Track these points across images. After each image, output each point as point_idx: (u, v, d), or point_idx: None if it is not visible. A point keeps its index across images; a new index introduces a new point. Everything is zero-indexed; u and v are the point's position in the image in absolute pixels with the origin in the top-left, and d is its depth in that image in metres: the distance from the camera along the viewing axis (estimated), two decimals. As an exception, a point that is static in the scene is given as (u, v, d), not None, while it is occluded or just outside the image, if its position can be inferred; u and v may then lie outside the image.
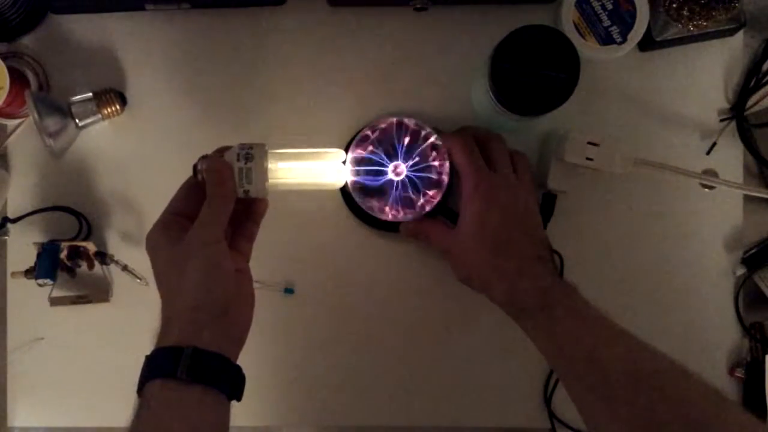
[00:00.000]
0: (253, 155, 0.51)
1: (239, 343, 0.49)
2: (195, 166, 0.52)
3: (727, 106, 0.64)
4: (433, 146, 0.59)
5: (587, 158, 0.58)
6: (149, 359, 0.46)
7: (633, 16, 0.59)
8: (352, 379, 0.65)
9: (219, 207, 0.50)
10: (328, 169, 0.56)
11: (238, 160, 0.51)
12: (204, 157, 0.53)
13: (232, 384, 0.47)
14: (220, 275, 0.48)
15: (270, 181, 0.53)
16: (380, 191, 0.59)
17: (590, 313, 0.52)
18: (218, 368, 0.46)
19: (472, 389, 0.65)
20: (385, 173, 0.58)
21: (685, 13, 0.58)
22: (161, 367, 0.45)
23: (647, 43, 0.62)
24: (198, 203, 0.52)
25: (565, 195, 0.63)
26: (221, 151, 0.54)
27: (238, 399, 0.47)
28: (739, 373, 0.64)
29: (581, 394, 0.50)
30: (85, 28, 0.65)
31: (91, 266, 0.64)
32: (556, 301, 0.52)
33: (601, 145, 0.58)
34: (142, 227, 0.65)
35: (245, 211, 0.55)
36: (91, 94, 0.62)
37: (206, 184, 0.51)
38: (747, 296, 0.65)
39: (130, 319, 0.66)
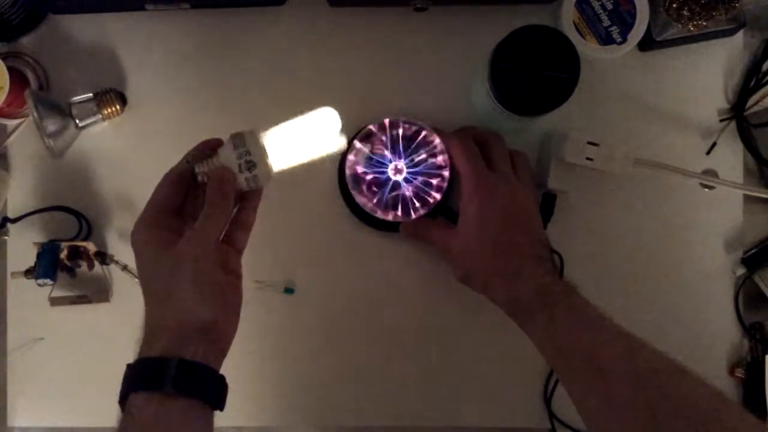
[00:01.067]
0: (255, 162, 0.50)
1: (224, 352, 0.49)
2: (192, 168, 0.51)
3: (727, 106, 0.64)
4: (433, 146, 0.59)
5: (587, 158, 0.58)
6: (132, 369, 0.46)
7: (633, 16, 0.59)
8: (352, 379, 0.65)
9: (218, 219, 0.49)
10: (324, 137, 0.53)
11: (241, 170, 0.50)
12: (201, 159, 0.51)
13: (217, 394, 0.47)
14: (211, 290, 0.47)
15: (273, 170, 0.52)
16: (380, 192, 0.59)
17: (589, 312, 0.52)
18: (203, 380, 0.45)
19: (472, 389, 0.65)
20: (385, 173, 0.59)
21: (685, 13, 0.58)
22: (146, 378, 0.44)
23: (647, 43, 0.62)
24: (183, 198, 0.51)
25: (565, 195, 0.63)
26: (209, 145, 0.52)
27: (221, 408, 0.47)
28: (739, 373, 0.64)
29: (580, 394, 0.50)
30: (85, 28, 0.65)
31: (91, 266, 0.64)
32: (556, 301, 0.52)
33: (601, 145, 0.58)
34: (142, 227, 0.65)
35: (241, 200, 0.53)
36: (91, 94, 0.62)
37: (207, 192, 0.50)
38: (747, 296, 0.65)
39: (130, 319, 0.65)
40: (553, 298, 0.52)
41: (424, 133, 0.59)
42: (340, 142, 0.55)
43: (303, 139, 0.53)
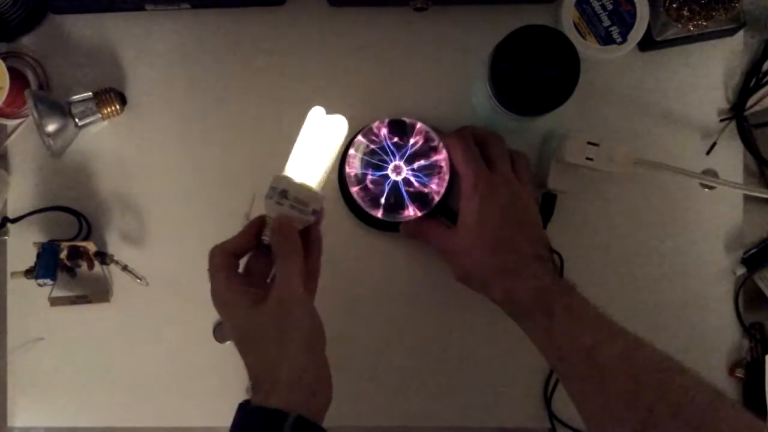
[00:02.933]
0: (285, 189, 0.51)
1: (328, 403, 0.49)
2: (259, 238, 0.52)
3: (727, 106, 0.64)
4: (433, 146, 0.59)
5: (587, 158, 0.58)
6: (247, 415, 0.46)
7: (633, 16, 0.59)
8: (352, 379, 0.65)
9: (295, 262, 0.50)
10: (330, 134, 0.54)
11: (280, 203, 0.50)
12: (260, 225, 0.52)
13: None
14: (321, 333, 0.49)
15: (315, 187, 0.53)
16: (380, 191, 0.59)
17: (589, 312, 0.52)
18: None
19: (472, 389, 0.65)
20: (385, 174, 0.59)
21: (685, 13, 0.58)
22: (262, 429, 0.44)
23: (647, 43, 0.62)
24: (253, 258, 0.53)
25: (565, 195, 0.63)
26: (258, 224, 0.52)
27: None
28: (739, 373, 0.64)
29: (580, 394, 0.50)
30: (85, 28, 0.65)
31: (91, 266, 0.64)
32: (555, 301, 0.52)
33: (601, 145, 0.58)
34: (142, 227, 0.65)
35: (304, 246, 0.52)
36: (90, 93, 0.62)
37: (273, 245, 0.50)
38: (747, 296, 0.65)
39: (130, 319, 0.66)
40: (552, 298, 0.52)
41: (423, 133, 0.59)
42: (344, 125, 0.55)
43: (322, 152, 0.53)
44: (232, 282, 0.50)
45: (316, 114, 0.54)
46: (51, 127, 0.60)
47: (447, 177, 0.58)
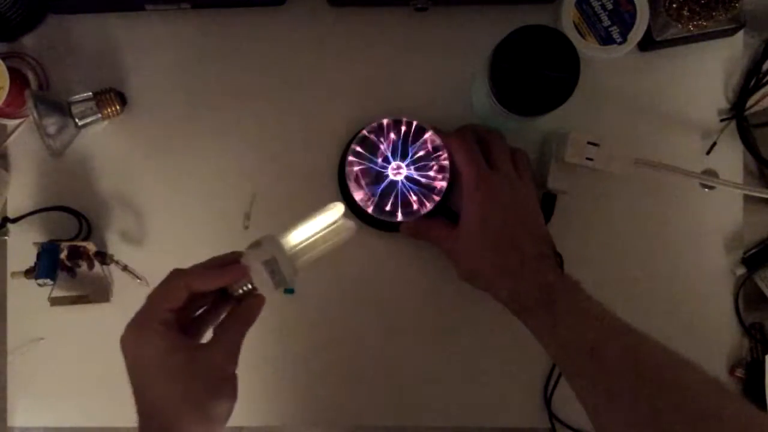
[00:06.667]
0: (280, 270, 0.50)
1: None
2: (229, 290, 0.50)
3: (727, 106, 0.64)
4: (434, 146, 0.59)
5: (587, 158, 0.58)
6: None
7: (633, 16, 0.59)
8: (353, 379, 0.65)
9: (242, 335, 0.49)
10: (335, 227, 0.53)
11: (272, 278, 0.49)
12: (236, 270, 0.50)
13: None
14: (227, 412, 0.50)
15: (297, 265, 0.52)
16: (381, 191, 0.59)
17: (592, 308, 0.52)
18: None
19: (472, 389, 0.65)
20: (385, 174, 0.59)
21: (685, 13, 0.58)
22: None
23: (647, 43, 0.62)
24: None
25: (565, 195, 0.63)
26: (217, 263, 0.51)
27: None
28: (739, 373, 0.64)
29: (585, 390, 0.50)
30: (85, 28, 0.65)
31: (91, 266, 0.64)
32: (559, 298, 0.52)
33: (601, 145, 0.58)
34: (142, 227, 0.65)
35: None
36: (90, 93, 0.62)
37: (243, 309, 0.50)
38: (747, 296, 0.65)
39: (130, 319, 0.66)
40: (555, 295, 0.53)
41: (424, 132, 0.59)
42: (349, 226, 0.53)
43: (317, 234, 0.52)
44: (165, 321, 0.50)
45: (337, 211, 0.52)
46: (51, 127, 0.60)
47: (447, 176, 0.58)
